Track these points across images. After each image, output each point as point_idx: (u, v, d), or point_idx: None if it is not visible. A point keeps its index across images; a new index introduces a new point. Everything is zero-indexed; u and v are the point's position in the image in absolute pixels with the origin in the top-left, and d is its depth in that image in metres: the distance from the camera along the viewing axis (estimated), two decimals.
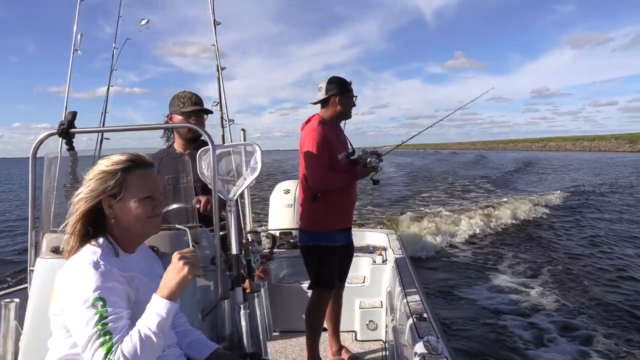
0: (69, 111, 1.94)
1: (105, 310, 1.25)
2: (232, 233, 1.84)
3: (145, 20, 2.57)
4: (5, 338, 1.78)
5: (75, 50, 2.29)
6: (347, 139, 3.00)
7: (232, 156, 1.96)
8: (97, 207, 1.40)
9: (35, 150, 1.84)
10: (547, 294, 6.39)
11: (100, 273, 1.29)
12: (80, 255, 1.35)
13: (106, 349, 1.23)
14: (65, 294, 1.29)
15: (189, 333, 1.63)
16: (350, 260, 3.22)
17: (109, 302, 1.26)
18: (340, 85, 2.86)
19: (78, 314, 1.25)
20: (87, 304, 1.24)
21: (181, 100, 2.57)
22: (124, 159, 1.44)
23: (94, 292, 1.25)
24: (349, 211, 3.00)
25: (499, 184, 22.10)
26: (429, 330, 1.97)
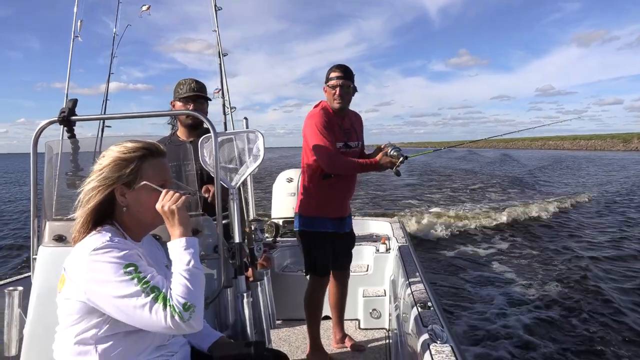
0: (69, 99, 1.92)
1: (139, 272, 1.25)
2: (235, 221, 1.82)
3: (146, 6, 2.53)
4: (10, 326, 1.78)
5: (75, 36, 2.26)
6: (354, 131, 2.92)
7: (234, 143, 1.94)
8: (109, 195, 1.38)
9: (37, 138, 1.82)
10: (551, 288, 6.38)
11: (117, 246, 1.28)
12: (91, 239, 1.32)
13: (162, 300, 1.24)
14: (87, 276, 1.25)
15: None
16: (351, 249, 3.20)
17: (139, 265, 1.27)
18: (326, 74, 2.83)
19: (115, 287, 1.23)
20: (120, 273, 1.23)
21: (181, 87, 2.59)
22: (140, 146, 1.42)
23: (122, 260, 1.25)
24: (343, 201, 2.97)
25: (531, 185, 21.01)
26: (433, 319, 1.95)
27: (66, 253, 1.36)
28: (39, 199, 1.84)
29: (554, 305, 5.69)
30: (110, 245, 1.28)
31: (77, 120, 1.85)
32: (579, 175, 25.39)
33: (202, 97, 2.60)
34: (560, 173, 26.80)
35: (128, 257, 1.27)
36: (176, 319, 1.23)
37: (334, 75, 2.77)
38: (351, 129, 2.90)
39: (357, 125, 2.99)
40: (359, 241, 4.26)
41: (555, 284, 6.45)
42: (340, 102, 2.77)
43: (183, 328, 1.25)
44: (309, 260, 2.91)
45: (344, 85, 2.75)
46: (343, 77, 2.75)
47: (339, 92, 2.74)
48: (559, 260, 7.69)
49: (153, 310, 1.23)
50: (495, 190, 18.39)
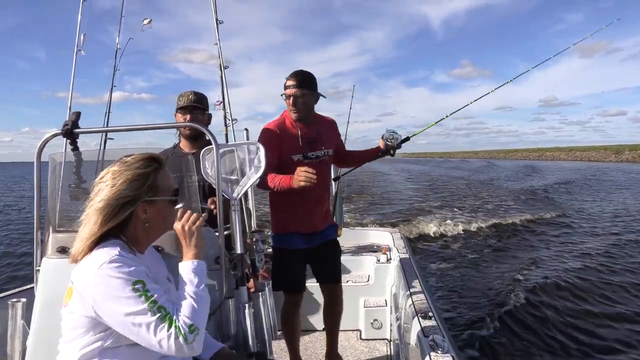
0: (73, 111, 1.94)
1: (147, 290, 1.25)
2: (237, 232, 1.84)
3: (148, 20, 2.57)
4: (13, 337, 1.79)
5: (78, 50, 2.29)
6: (320, 140, 2.75)
7: (235, 155, 1.96)
8: (120, 212, 1.36)
9: (40, 150, 1.84)
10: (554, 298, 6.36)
11: (126, 261, 1.28)
12: (100, 252, 1.31)
13: (168, 320, 1.24)
14: (95, 290, 1.25)
15: None
16: (332, 260, 2.97)
17: (147, 283, 1.27)
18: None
19: (122, 303, 1.23)
20: (128, 289, 1.23)
21: (180, 99, 2.65)
22: (148, 159, 1.42)
23: (131, 276, 1.25)
24: (311, 215, 2.77)
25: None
26: (434, 329, 1.96)
27: (69, 265, 1.37)
28: (43, 210, 1.86)
29: (558, 315, 5.67)
30: (119, 259, 1.27)
31: (81, 132, 1.87)
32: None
33: (199, 108, 2.64)
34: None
35: (137, 273, 1.27)
36: (180, 340, 1.24)
37: (287, 83, 2.64)
38: (316, 137, 2.74)
39: (328, 131, 2.85)
40: (360, 251, 4.28)
41: (557, 292, 6.43)
42: (295, 111, 2.65)
43: (184, 350, 1.26)
44: (274, 277, 2.77)
45: (296, 94, 2.61)
46: (296, 86, 2.61)
47: (292, 102, 2.63)
48: (568, 269, 7.67)
49: (158, 330, 1.23)
50: (513, 206, 17.60)
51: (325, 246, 2.89)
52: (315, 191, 2.66)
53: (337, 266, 3.01)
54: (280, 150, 2.61)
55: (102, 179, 1.39)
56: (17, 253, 10.27)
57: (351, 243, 4.57)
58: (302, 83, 2.62)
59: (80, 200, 1.81)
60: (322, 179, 2.69)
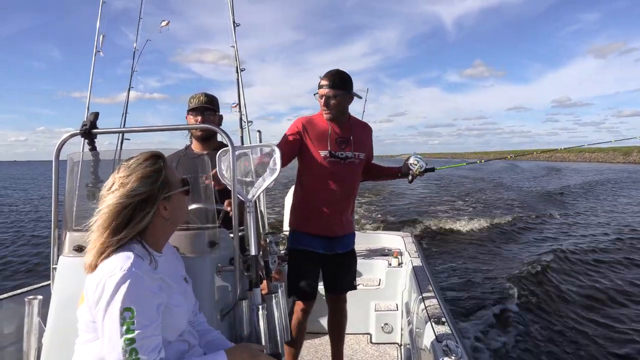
0: (91, 112, 1.97)
1: (132, 322, 1.20)
2: (251, 234, 1.84)
3: (166, 22, 2.59)
4: (29, 334, 1.81)
5: (97, 51, 2.32)
6: (351, 142, 2.69)
7: (250, 157, 1.97)
8: (137, 212, 1.34)
9: (59, 150, 1.87)
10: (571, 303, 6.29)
11: (132, 281, 1.23)
12: (113, 261, 1.29)
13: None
14: (96, 301, 1.24)
15: (207, 332, 1.64)
16: (348, 271, 2.89)
17: (138, 313, 1.22)
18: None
19: (106, 320, 1.22)
20: (116, 312, 1.20)
21: (191, 100, 2.67)
22: (152, 156, 1.42)
23: (124, 301, 1.21)
24: (331, 218, 2.69)
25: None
26: (447, 335, 1.95)
27: (85, 263, 1.38)
28: (60, 209, 1.88)
29: (573, 321, 5.61)
30: (126, 275, 1.23)
31: (98, 133, 1.89)
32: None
33: (210, 109, 2.66)
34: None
35: (134, 297, 1.22)
36: None
37: (321, 83, 2.64)
38: (348, 139, 2.70)
39: (361, 136, 2.78)
40: (371, 255, 4.27)
41: (577, 299, 6.37)
42: (327, 112, 2.65)
43: None
44: (290, 281, 2.71)
45: (329, 95, 2.61)
46: (329, 86, 2.61)
47: (324, 102, 2.63)
48: (586, 277, 7.58)
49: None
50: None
51: (341, 257, 2.80)
52: (337, 194, 2.65)
53: (353, 276, 2.91)
54: (302, 144, 2.61)
55: (110, 189, 1.36)
56: (32, 253, 10.41)
57: (362, 246, 4.56)
58: (335, 83, 2.60)
59: (97, 199, 1.84)
60: (348, 182, 2.71)
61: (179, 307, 1.42)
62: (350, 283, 2.91)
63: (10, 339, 2.34)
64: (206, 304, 1.73)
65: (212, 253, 1.78)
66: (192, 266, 1.70)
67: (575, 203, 18.67)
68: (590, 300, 6.39)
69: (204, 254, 1.75)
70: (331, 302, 2.94)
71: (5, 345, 2.33)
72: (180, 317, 1.44)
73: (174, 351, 1.39)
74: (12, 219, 16.42)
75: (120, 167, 1.40)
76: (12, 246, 11.17)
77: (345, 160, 2.67)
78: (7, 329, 2.36)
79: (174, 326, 1.40)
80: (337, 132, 2.67)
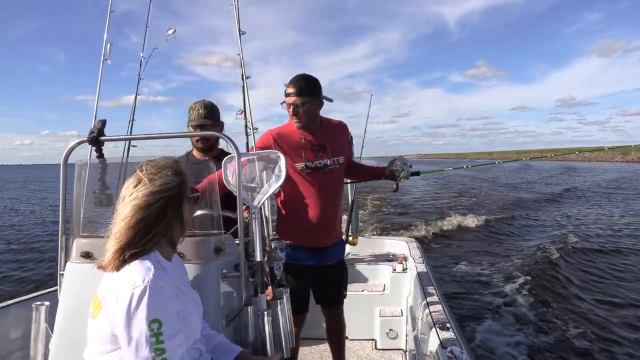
0: (98, 119, 1.99)
1: (160, 332, 1.21)
2: (256, 240, 1.85)
3: (172, 30, 2.62)
4: (36, 340, 1.82)
5: (105, 59, 2.35)
6: (327, 148, 2.57)
7: (256, 164, 1.98)
8: (166, 210, 1.34)
9: (67, 157, 1.89)
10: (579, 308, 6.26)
11: (156, 293, 1.24)
12: (134, 271, 1.28)
13: None
14: (119, 314, 1.23)
15: (211, 337, 1.64)
16: (338, 284, 2.80)
17: (164, 323, 1.22)
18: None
19: (132, 334, 1.21)
20: (143, 325, 1.20)
21: (191, 113, 2.69)
22: (171, 161, 1.42)
23: (151, 313, 1.21)
24: (314, 230, 2.58)
25: None
26: (452, 341, 1.95)
27: (93, 269, 1.39)
28: (68, 216, 1.90)
29: (579, 325, 5.59)
30: (151, 287, 1.23)
31: (106, 140, 1.91)
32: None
33: (209, 124, 2.67)
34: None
35: (160, 308, 1.23)
36: None
37: (287, 91, 2.49)
38: (324, 145, 2.56)
39: (336, 138, 2.64)
40: (375, 260, 4.27)
41: (583, 304, 6.34)
42: (297, 121, 2.50)
43: None
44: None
45: (296, 103, 2.46)
46: (296, 94, 2.46)
47: (292, 112, 2.48)
48: (596, 282, 7.54)
49: None
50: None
51: (331, 269, 2.71)
52: (321, 205, 2.54)
53: (342, 290, 2.84)
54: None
55: (136, 186, 1.33)
56: (40, 258, 10.45)
57: (367, 252, 4.56)
58: (301, 90, 2.46)
59: (104, 206, 1.85)
60: (330, 190, 2.60)
61: (193, 315, 1.42)
62: (341, 296, 2.85)
63: (17, 345, 2.36)
64: (212, 309, 1.74)
65: (218, 259, 1.79)
66: (198, 272, 1.71)
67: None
68: (603, 304, 6.35)
69: (209, 260, 1.76)
70: (326, 314, 2.89)
71: (12, 350, 2.35)
72: (195, 325, 1.44)
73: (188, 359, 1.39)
74: (23, 222, 16.55)
75: (142, 166, 1.38)
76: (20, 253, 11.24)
77: (325, 168, 2.56)
78: (14, 334, 2.38)
79: (190, 334, 1.40)
80: (310, 141, 2.54)
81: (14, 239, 13.27)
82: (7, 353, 2.34)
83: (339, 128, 2.71)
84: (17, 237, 13.63)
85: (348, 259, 4.19)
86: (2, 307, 2.40)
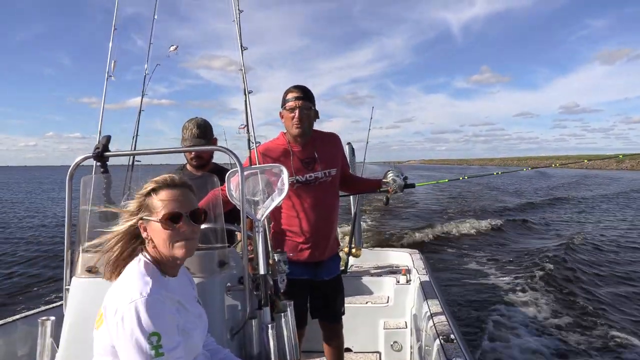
0: (103, 135, 2.03)
1: (160, 345, 1.22)
2: (260, 253, 1.86)
3: (174, 47, 2.66)
4: (42, 355, 1.83)
5: (109, 76, 2.39)
6: (317, 161, 2.51)
7: (258, 177, 2.00)
8: (135, 230, 1.44)
9: (72, 172, 1.92)
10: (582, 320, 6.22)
11: (154, 306, 1.26)
12: (132, 285, 1.31)
13: None
14: (118, 327, 1.25)
15: (217, 352, 1.65)
16: (333, 300, 2.75)
17: (163, 336, 1.24)
18: (282, 97, 2.52)
19: (132, 349, 1.22)
20: (142, 339, 1.22)
21: (184, 132, 2.74)
22: (153, 180, 1.46)
23: (150, 326, 1.23)
24: (310, 244, 2.52)
25: None
26: (456, 352, 1.95)
27: (98, 284, 1.41)
28: (73, 231, 1.92)
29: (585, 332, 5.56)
30: (148, 301, 1.26)
31: (110, 156, 1.94)
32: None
33: (199, 144, 2.71)
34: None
35: (158, 322, 1.25)
36: None
37: (291, 95, 2.44)
38: (314, 158, 2.51)
39: (327, 150, 2.58)
40: (379, 272, 4.26)
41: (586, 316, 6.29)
42: (299, 126, 2.42)
43: None
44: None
45: (303, 106, 2.42)
46: (302, 98, 2.43)
47: (298, 115, 2.40)
48: (598, 291, 7.49)
49: None
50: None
51: (327, 284, 2.66)
52: (316, 219, 2.49)
53: (338, 307, 2.78)
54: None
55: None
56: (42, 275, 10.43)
57: (370, 264, 4.55)
58: (306, 95, 2.44)
59: (109, 220, 1.87)
60: (324, 203, 2.55)
61: (194, 330, 1.43)
62: (338, 312, 2.80)
63: None
64: (216, 323, 1.74)
65: (222, 272, 1.81)
66: (203, 286, 1.72)
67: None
68: (611, 311, 6.30)
69: (214, 273, 1.78)
70: (323, 330, 2.85)
71: None
72: (197, 341, 1.45)
73: None
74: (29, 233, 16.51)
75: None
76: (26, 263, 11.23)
77: (316, 181, 2.50)
78: (20, 350, 2.38)
79: (191, 350, 1.41)
80: (299, 154, 2.50)
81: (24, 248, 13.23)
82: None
83: (330, 139, 2.66)
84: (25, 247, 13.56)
85: (351, 271, 4.18)
86: (8, 322, 2.41)
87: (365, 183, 2.88)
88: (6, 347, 2.34)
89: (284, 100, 2.49)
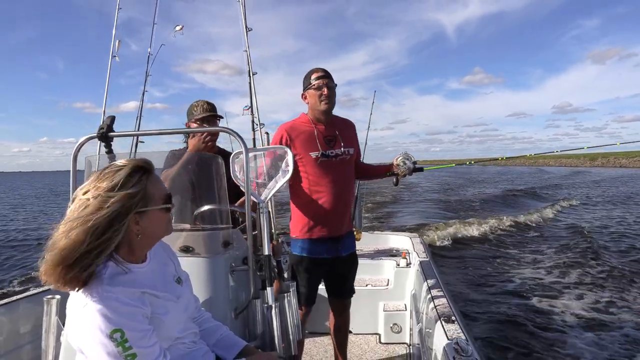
0: (107, 115, 2.01)
1: (125, 339, 1.17)
2: (264, 234, 1.87)
3: (180, 26, 2.64)
4: (47, 333, 1.85)
5: (113, 56, 2.37)
6: (338, 138, 2.66)
7: (263, 159, 2.00)
8: (108, 231, 1.21)
9: (76, 153, 1.90)
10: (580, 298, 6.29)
11: (109, 305, 1.19)
12: (88, 286, 1.21)
13: None
14: (79, 334, 1.20)
15: (215, 330, 1.63)
16: (351, 277, 2.88)
17: (126, 330, 1.18)
18: (304, 80, 2.67)
19: (99, 351, 1.17)
20: (104, 339, 1.16)
21: (195, 109, 2.72)
22: (134, 167, 1.29)
23: (109, 324, 1.17)
24: (331, 218, 2.64)
25: None
26: (457, 333, 1.97)
27: None
28: None
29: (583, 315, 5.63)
30: (101, 300, 1.18)
31: (115, 136, 1.93)
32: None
33: (216, 116, 2.72)
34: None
35: (117, 319, 1.18)
36: None
37: (316, 75, 2.59)
38: (335, 136, 2.67)
39: (346, 131, 2.75)
40: (379, 255, 4.29)
41: (582, 292, 6.37)
42: (327, 102, 2.58)
43: None
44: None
45: (330, 85, 2.58)
46: (327, 76, 2.59)
47: (326, 93, 2.56)
48: (591, 267, 7.58)
49: None
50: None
51: (344, 261, 2.77)
52: (337, 193, 2.61)
53: (352, 282, 2.91)
54: (293, 148, 2.52)
55: (86, 193, 1.24)
56: None
57: (370, 247, 4.58)
58: (330, 75, 2.61)
59: None
60: (344, 179, 2.67)
61: (167, 315, 1.36)
62: (352, 288, 2.92)
63: (27, 338, 2.39)
64: (220, 302, 1.76)
65: (226, 253, 1.82)
66: (207, 265, 1.73)
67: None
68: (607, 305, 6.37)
69: (218, 253, 1.79)
70: (334, 306, 2.93)
71: (23, 343, 2.38)
72: (172, 325, 1.38)
73: (173, 356, 1.36)
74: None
75: (103, 171, 1.29)
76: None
77: (337, 157, 2.64)
78: (24, 327, 2.40)
79: (165, 335, 1.35)
80: (322, 132, 2.64)
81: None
82: (17, 346, 2.37)
83: (347, 124, 2.82)
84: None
85: None
86: (12, 301, 2.42)
87: (377, 169, 2.96)
88: (11, 325, 2.36)
89: (307, 82, 2.61)
